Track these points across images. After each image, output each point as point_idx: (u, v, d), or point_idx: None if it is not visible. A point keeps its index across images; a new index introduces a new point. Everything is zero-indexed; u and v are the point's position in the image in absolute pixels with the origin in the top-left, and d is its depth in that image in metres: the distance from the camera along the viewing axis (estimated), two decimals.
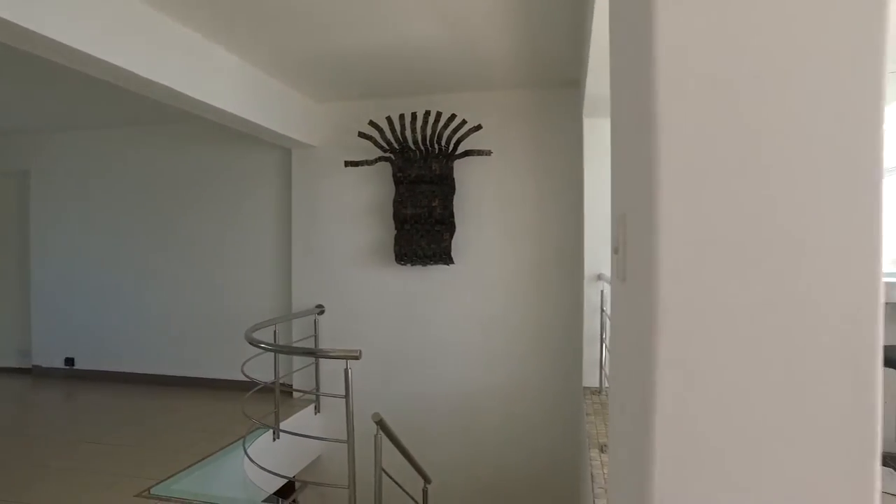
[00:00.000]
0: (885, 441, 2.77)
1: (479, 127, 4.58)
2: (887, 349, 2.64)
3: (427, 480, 3.96)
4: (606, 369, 3.95)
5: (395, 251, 4.79)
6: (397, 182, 4.76)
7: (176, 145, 5.69)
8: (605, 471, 2.62)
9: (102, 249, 5.92)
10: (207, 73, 3.59)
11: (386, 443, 3.10)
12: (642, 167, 0.87)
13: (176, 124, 5.58)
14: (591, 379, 4.26)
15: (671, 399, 0.81)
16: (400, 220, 4.75)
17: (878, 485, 0.76)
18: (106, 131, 5.89)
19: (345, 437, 2.93)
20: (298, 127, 4.76)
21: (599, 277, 4.24)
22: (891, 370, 2.60)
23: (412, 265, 4.82)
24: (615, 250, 1.20)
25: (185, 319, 5.65)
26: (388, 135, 4.72)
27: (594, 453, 2.87)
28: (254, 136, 4.61)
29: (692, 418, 0.80)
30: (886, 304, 2.98)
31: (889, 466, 2.72)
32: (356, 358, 2.90)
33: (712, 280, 0.79)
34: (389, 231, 4.88)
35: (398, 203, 4.75)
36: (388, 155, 4.77)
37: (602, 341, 4.11)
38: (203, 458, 3.71)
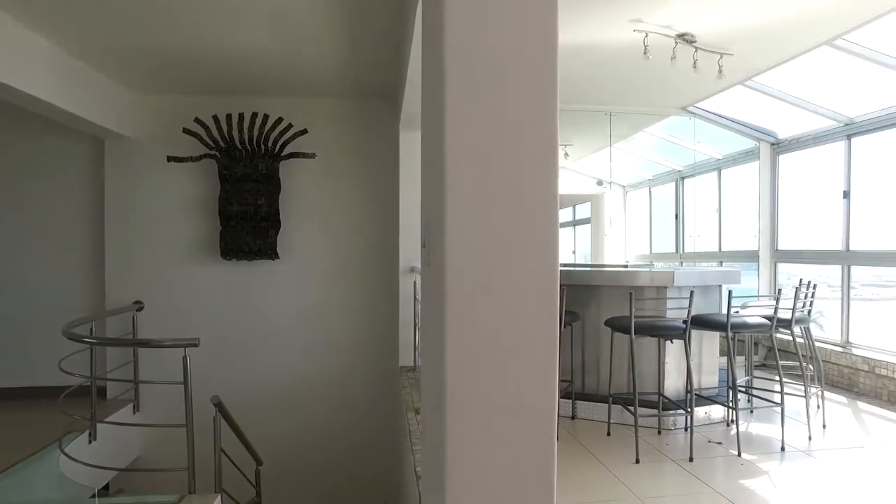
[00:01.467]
0: (616, 385, 3.75)
1: (304, 131, 4.91)
2: (618, 318, 3.57)
3: (259, 462, 4.21)
4: (420, 349, 4.57)
5: (220, 247, 4.91)
6: (223, 179, 4.87)
7: None
8: (420, 428, 3.19)
9: None
10: (14, 55, 3.43)
11: (224, 428, 3.33)
12: (439, 187, 1.38)
13: None
14: (406, 359, 4.86)
15: (456, 340, 1.33)
16: (226, 216, 4.88)
17: (556, 394, 1.37)
18: None
19: (178, 424, 3.10)
20: (114, 117, 4.61)
21: (412, 270, 4.85)
22: (621, 333, 3.55)
23: (238, 260, 4.98)
24: (423, 244, 1.71)
25: None
26: (215, 133, 4.82)
27: (410, 415, 3.44)
28: (63, 124, 4.39)
29: (466, 359, 1.33)
30: (574, 285, 3.98)
31: (618, 404, 3.70)
32: (195, 345, 3.10)
33: (474, 268, 1.33)
34: (215, 227, 4.97)
35: (224, 200, 4.88)
36: (213, 152, 4.86)
37: (415, 325, 4.72)
38: (13, 465, 3.54)
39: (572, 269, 4.78)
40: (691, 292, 3.34)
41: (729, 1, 3.34)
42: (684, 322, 3.38)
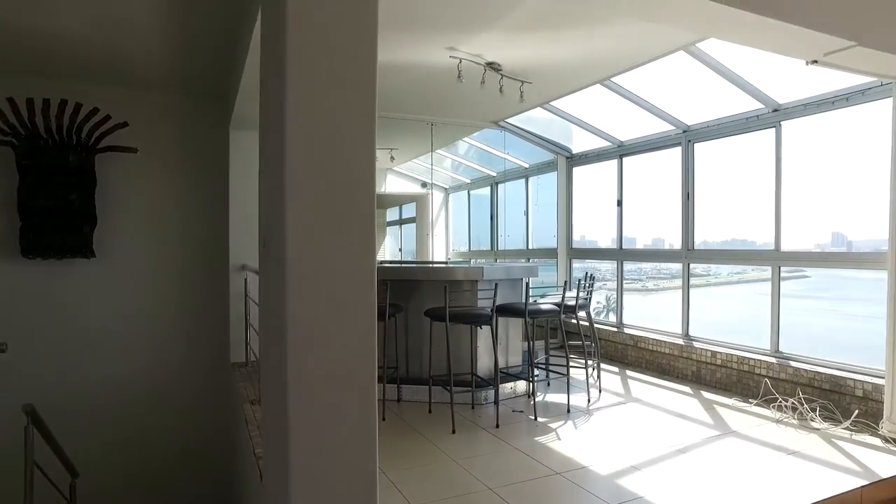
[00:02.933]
0: (436, 368, 4.24)
1: (124, 124, 4.69)
2: (435, 309, 4.02)
3: (74, 474, 3.99)
4: (253, 346, 4.65)
5: (21, 245, 4.50)
6: (24, 171, 4.47)
7: None
8: (258, 416, 3.36)
9: None
10: None
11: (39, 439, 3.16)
12: (279, 189, 1.65)
13: None
14: (238, 355, 4.91)
15: (296, 330, 1.62)
16: (28, 211, 4.48)
17: (375, 371, 1.74)
18: None
19: None
20: None
21: (243, 268, 4.91)
22: (438, 322, 4.01)
23: (44, 259, 4.60)
24: (263, 243, 1.96)
25: None
26: (12, 118, 4.40)
27: (247, 406, 3.59)
28: None
29: (304, 347, 1.63)
30: (398, 280, 4.47)
31: (437, 385, 4.20)
32: (2, 351, 2.93)
33: (310, 265, 1.63)
34: (11, 223, 4.53)
35: (26, 193, 4.47)
36: (9, 139, 4.43)
37: (247, 322, 4.79)
38: None
39: (397, 265, 5.22)
40: (496, 285, 3.94)
41: (527, 40, 3.99)
42: (491, 311, 3.97)
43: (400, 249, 12.07)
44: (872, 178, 4.09)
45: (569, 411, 4.20)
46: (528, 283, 4.26)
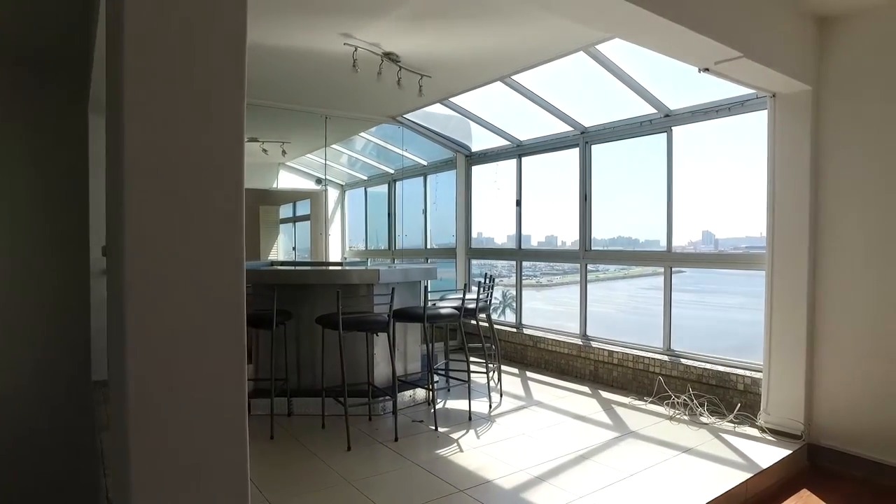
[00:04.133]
0: (330, 379, 3.93)
1: None
2: (328, 316, 3.71)
3: None
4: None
5: None
6: None
7: None
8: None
9: None
10: None
11: None
12: (119, 186, 1.31)
13: None
14: (101, 372, 4.30)
15: (138, 346, 1.29)
16: None
17: (245, 391, 1.44)
18: None
19: None
20: None
21: (104, 273, 4.32)
22: (330, 329, 3.71)
23: None
24: (104, 252, 1.59)
25: None
26: None
27: (104, 435, 3.10)
28: None
29: (150, 366, 1.30)
30: (286, 285, 4.16)
31: (331, 396, 3.89)
32: None
33: (158, 272, 1.31)
34: None
35: None
36: None
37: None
38: None
39: (286, 268, 4.83)
40: (392, 289, 3.70)
41: (427, 30, 3.78)
42: (388, 316, 3.73)
43: (294, 248, 11.48)
44: (741, 182, 4.38)
45: (470, 419, 4.06)
46: (426, 287, 4.05)
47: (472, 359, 5.82)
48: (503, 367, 5.42)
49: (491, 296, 4.73)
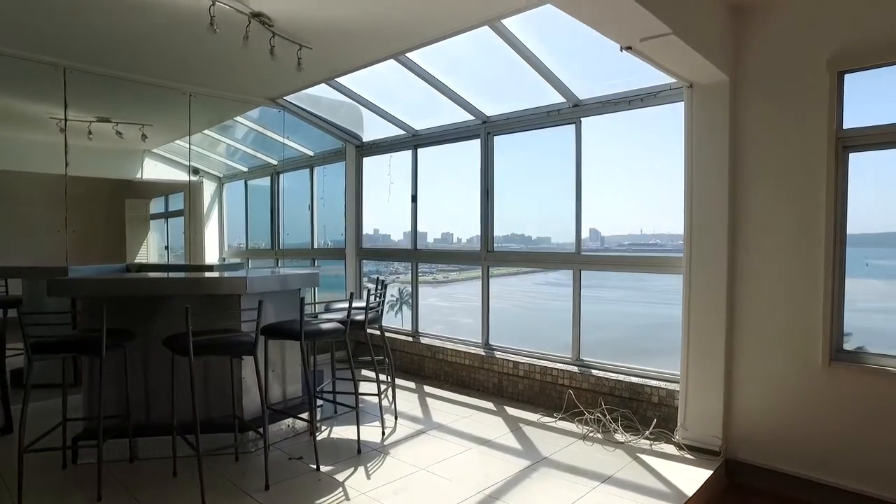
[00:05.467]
0: (184, 413, 3.16)
1: None
2: (177, 337, 2.95)
3: None
4: None
5: None
6: None
7: None
8: None
9: None
10: None
11: None
12: None
13: None
14: None
15: None
16: None
17: None
18: None
19: None
20: None
21: None
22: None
23: None
24: None
25: None
26: None
27: None
28: None
29: None
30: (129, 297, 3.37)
31: (183, 435, 3.12)
32: None
33: None
34: None
35: None
36: None
37: None
38: None
39: (130, 276, 3.94)
40: (260, 302, 3.00)
41: None
42: (255, 335, 3.02)
43: (167, 248, 10.19)
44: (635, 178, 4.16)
45: (360, 451, 3.44)
46: (302, 300, 3.36)
47: (363, 372, 5.20)
48: (398, 382, 4.85)
49: (383, 303, 4.14)
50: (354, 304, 3.55)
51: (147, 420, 3.40)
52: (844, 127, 2.98)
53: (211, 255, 8.59)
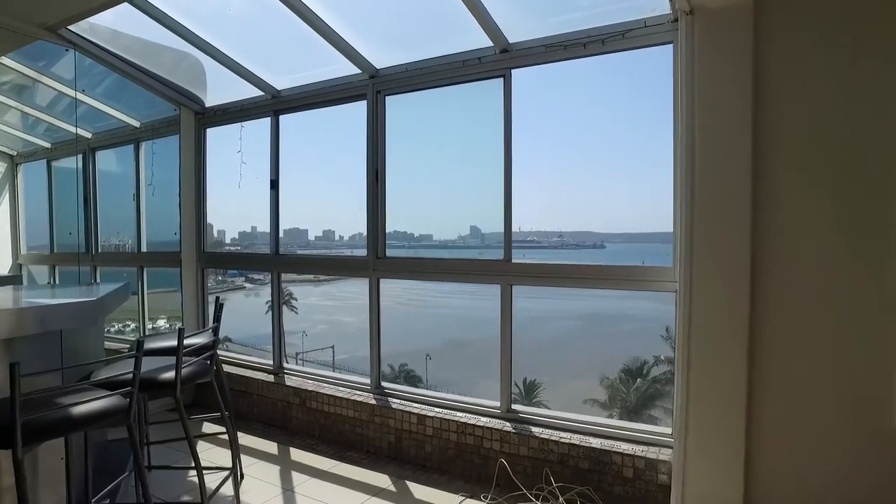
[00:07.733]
0: None
1: None
2: None
3: None
4: None
5: None
6: None
7: None
8: None
9: None
10: None
11: None
12: None
13: None
14: None
15: None
16: None
17: None
18: None
19: None
20: None
21: None
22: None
23: None
24: None
25: None
26: None
27: None
28: None
29: None
30: None
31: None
32: None
33: None
34: None
35: None
36: None
37: None
38: None
39: None
40: None
41: None
42: None
43: None
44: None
45: None
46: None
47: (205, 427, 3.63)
48: (252, 443, 3.38)
49: (218, 330, 2.64)
50: (190, 340, 2.05)
51: None
52: None
53: (2, 263, 6.40)
